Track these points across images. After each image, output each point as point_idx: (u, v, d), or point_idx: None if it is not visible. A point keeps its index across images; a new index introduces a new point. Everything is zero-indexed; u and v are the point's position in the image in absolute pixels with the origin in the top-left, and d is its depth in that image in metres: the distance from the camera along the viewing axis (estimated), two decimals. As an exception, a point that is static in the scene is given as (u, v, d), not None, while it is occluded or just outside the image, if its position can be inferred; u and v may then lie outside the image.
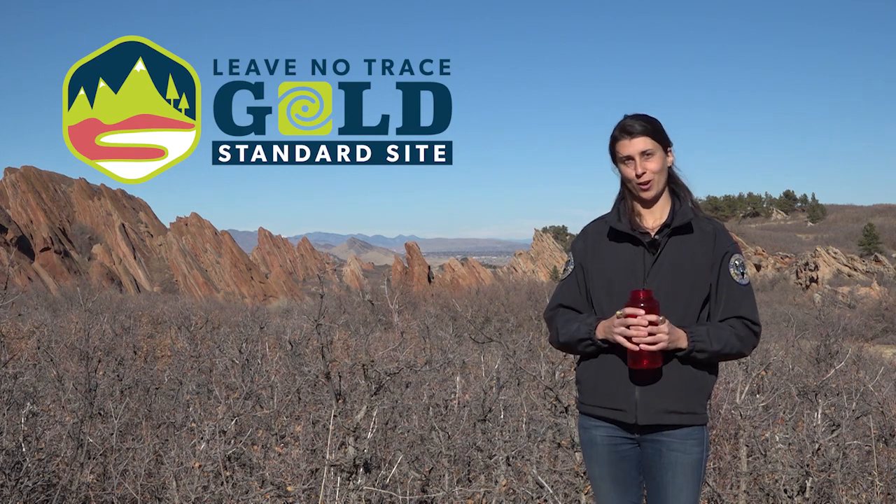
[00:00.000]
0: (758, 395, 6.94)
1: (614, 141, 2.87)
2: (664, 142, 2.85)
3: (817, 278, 73.58)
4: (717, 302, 2.79)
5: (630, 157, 2.83)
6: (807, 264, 76.43)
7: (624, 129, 2.83)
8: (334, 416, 5.88)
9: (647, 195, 2.84)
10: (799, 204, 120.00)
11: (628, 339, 2.68)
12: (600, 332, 2.79)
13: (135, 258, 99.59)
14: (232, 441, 5.68)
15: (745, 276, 2.83)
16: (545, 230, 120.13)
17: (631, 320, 2.66)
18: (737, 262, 2.82)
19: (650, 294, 2.68)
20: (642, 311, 2.65)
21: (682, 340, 2.71)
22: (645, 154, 2.81)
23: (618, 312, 2.73)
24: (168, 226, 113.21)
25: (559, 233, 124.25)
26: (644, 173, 2.81)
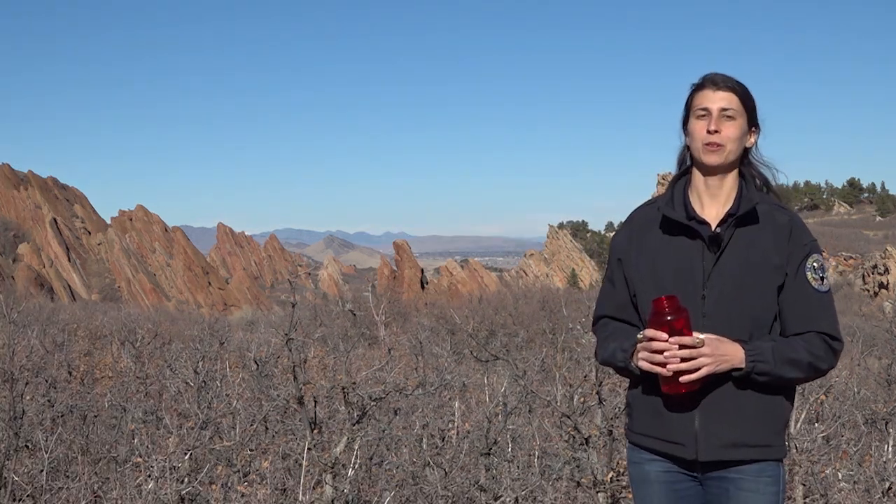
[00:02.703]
0: (817, 424, 6.96)
1: (695, 90, 2.84)
2: (751, 114, 2.83)
3: (888, 283, 73.73)
4: (789, 312, 2.75)
5: (706, 110, 2.79)
6: (875, 267, 76.58)
7: (711, 79, 2.81)
8: (308, 449, 5.88)
9: (711, 160, 2.79)
10: (866, 195, 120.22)
11: (659, 364, 2.66)
12: (636, 359, 2.77)
13: (69, 260, 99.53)
14: (186, 479, 5.68)
15: (824, 281, 2.77)
16: (561, 226, 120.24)
17: (657, 345, 2.64)
18: (815, 263, 2.77)
19: (676, 302, 2.64)
20: (666, 336, 2.62)
21: (738, 359, 2.66)
22: (725, 112, 2.77)
23: (639, 335, 2.72)
24: (109, 221, 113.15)
25: (578, 229, 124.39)
26: (717, 132, 2.77)
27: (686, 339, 2.61)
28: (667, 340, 2.62)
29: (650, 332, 2.65)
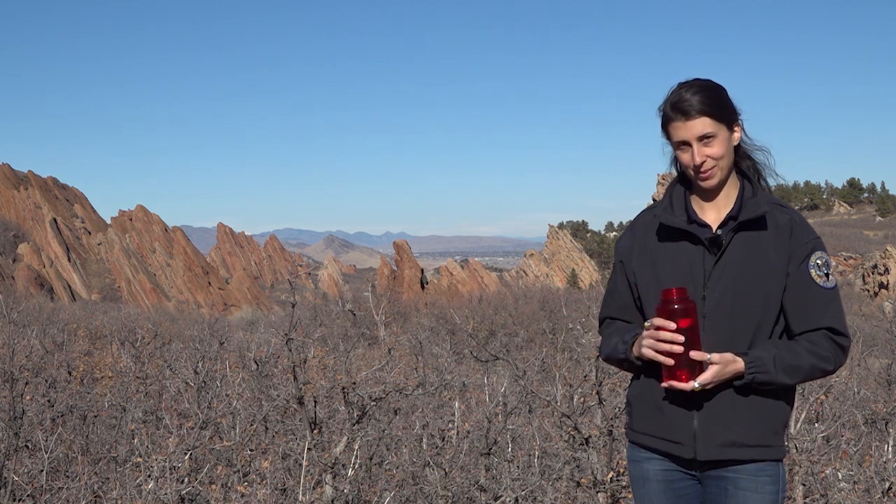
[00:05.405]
0: (816, 424, 6.96)
1: (666, 121, 2.79)
2: (729, 118, 2.76)
3: (888, 283, 73.72)
4: (793, 311, 2.74)
5: (686, 143, 2.76)
6: (875, 267, 76.58)
7: (677, 108, 2.73)
8: (308, 449, 5.88)
9: (709, 184, 2.79)
10: (866, 195, 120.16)
11: (663, 354, 2.68)
12: (636, 349, 2.79)
13: (69, 260, 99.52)
14: (186, 479, 5.68)
15: (829, 277, 2.76)
16: (561, 226, 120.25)
17: (664, 334, 2.65)
18: (819, 260, 2.76)
19: (685, 293, 2.66)
20: (673, 326, 2.64)
21: (738, 366, 2.66)
22: (704, 139, 2.72)
23: (646, 324, 2.73)
24: (109, 221, 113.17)
25: (578, 229, 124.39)
26: (704, 162, 2.74)
27: (696, 354, 2.64)
28: (674, 330, 2.64)
29: (658, 321, 2.67)
